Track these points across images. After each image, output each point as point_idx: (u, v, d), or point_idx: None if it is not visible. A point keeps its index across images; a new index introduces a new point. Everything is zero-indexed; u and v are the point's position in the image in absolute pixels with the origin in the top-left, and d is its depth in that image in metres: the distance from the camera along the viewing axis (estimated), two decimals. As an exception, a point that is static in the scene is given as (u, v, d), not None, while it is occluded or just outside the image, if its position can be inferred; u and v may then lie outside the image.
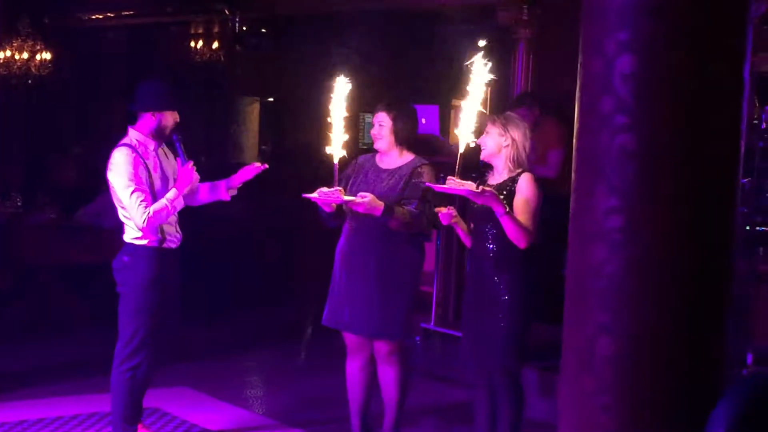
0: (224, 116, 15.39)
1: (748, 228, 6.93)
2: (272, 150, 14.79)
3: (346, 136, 5.57)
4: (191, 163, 5.66)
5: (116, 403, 5.76)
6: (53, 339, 8.49)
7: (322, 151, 5.62)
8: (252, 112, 15.75)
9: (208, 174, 6.07)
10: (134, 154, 5.64)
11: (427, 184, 5.54)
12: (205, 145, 14.39)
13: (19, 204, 9.63)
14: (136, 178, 5.59)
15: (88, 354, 8.04)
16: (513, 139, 5.43)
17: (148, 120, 5.72)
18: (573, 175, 3.42)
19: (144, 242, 5.68)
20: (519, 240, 5.30)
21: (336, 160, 5.54)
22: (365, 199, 5.55)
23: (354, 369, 6.03)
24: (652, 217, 3.21)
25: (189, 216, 6.01)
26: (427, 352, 7.92)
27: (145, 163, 5.66)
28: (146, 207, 5.57)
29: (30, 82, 14.24)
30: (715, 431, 2.39)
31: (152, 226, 5.62)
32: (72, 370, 7.59)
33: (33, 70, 14.10)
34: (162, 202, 5.61)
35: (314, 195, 5.57)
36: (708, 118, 3.24)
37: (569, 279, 3.48)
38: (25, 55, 14.05)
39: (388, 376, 5.94)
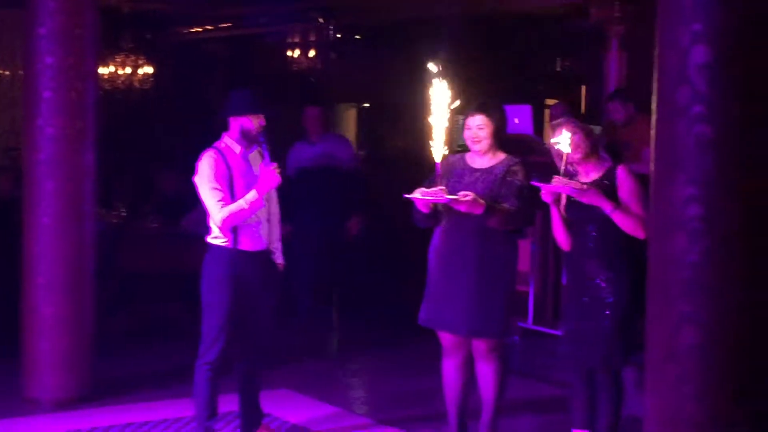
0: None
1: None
2: (369, 155, 14.88)
3: (445, 139, 5.56)
4: (274, 166, 5.75)
5: (196, 397, 5.94)
6: (156, 346, 8.69)
7: (418, 155, 5.62)
8: (348, 119, 15.89)
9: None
10: (216, 157, 5.81)
11: (533, 183, 5.54)
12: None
13: (123, 214, 9.86)
14: (215, 179, 5.75)
15: (191, 360, 8.22)
16: (593, 138, 5.48)
17: (233, 125, 5.90)
18: (651, 165, 3.44)
19: (217, 242, 5.87)
20: (637, 230, 5.23)
21: (438, 161, 5.55)
22: (468, 198, 5.57)
23: (450, 369, 6.03)
24: (731, 206, 3.22)
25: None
26: (525, 351, 7.93)
27: (227, 165, 5.81)
28: (223, 206, 5.73)
29: (132, 95, 14.60)
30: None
31: (228, 226, 5.77)
32: (173, 376, 7.74)
33: (135, 84, 14.46)
34: (239, 202, 5.73)
35: (415, 195, 5.64)
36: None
37: (651, 270, 3.50)
38: (128, 70, 14.42)
39: (487, 374, 5.94)
